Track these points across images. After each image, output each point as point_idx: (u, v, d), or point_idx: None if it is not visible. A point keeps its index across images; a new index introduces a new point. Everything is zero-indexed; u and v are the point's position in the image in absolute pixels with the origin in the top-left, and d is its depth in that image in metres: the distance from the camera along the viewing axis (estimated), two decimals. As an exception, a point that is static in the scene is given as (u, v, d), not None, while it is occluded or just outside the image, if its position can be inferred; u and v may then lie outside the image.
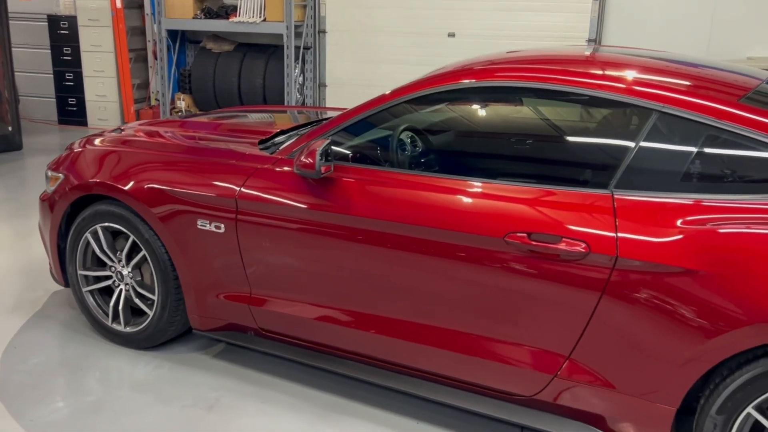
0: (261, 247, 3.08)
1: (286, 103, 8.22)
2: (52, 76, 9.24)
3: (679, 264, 2.31)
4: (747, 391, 2.27)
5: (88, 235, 3.55)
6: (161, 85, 8.70)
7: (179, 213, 3.22)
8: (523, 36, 7.89)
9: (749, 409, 2.28)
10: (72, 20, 8.89)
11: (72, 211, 3.62)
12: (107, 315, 3.62)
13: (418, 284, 2.77)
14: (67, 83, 9.17)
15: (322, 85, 8.66)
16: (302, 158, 2.86)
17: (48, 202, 3.68)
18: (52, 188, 3.66)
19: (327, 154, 2.85)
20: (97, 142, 3.73)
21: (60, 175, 3.64)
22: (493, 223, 2.59)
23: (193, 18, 8.40)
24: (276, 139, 3.47)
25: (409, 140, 3.10)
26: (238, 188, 3.09)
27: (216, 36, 8.79)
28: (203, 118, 4.22)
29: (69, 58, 9.08)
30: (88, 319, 3.71)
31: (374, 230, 2.79)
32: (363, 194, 2.85)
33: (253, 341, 3.30)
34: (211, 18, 8.38)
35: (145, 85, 9.30)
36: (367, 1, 8.27)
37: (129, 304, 3.58)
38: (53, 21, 9.01)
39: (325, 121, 3.18)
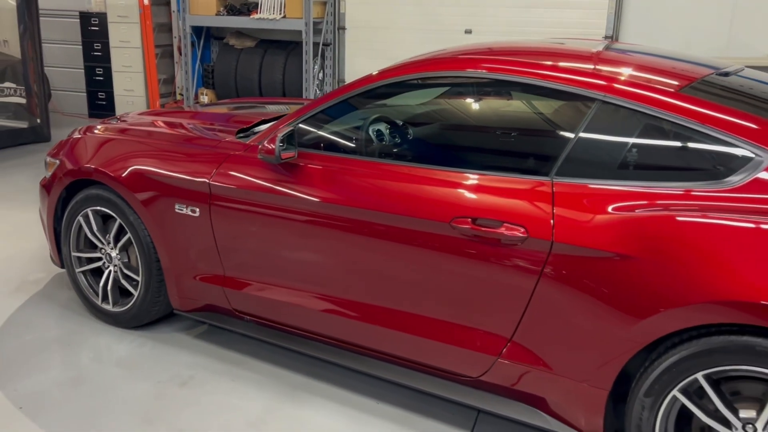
0: (232, 230, 3.22)
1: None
2: (83, 71, 9.54)
3: (610, 249, 2.37)
4: (672, 374, 2.32)
5: (80, 218, 3.73)
6: (185, 80, 8.94)
7: (159, 197, 3.37)
8: (539, 32, 7.90)
9: (675, 392, 2.34)
10: (102, 17, 9.18)
11: (67, 196, 3.81)
12: (97, 295, 3.80)
13: (373, 267, 2.88)
14: (97, 78, 9.47)
15: (341, 81, 8.80)
16: (265, 144, 2.99)
17: (46, 186, 3.88)
18: (50, 173, 3.85)
19: (290, 141, 2.97)
20: (96, 129, 3.91)
21: (56, 161, 3.83)
22: (440, 208, 2.68)
23: (216, 14, 8.61)
24: (256, 128, 3.60)
25: (369, 129, 3.20)
26: (211, 173, 3.23)
27: (239, 32, 8.99)
28: (207, 109, 4.38)
29: (99, 53, 9.37)
30: (80, 299, 3.90)
31: (332, 215, 2.91)
32: (323, 180, 2.96)
33: (229, 322, 3.44)
34: (234, 15, 8.58)
35: (171, 80, 9.55)
36: (386, -2, 8.39)
37: (117, 285, 3.75)
38: (85, 17, 9.32)
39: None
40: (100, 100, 9.53)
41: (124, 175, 3.46)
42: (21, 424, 2.95)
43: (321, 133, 3.14)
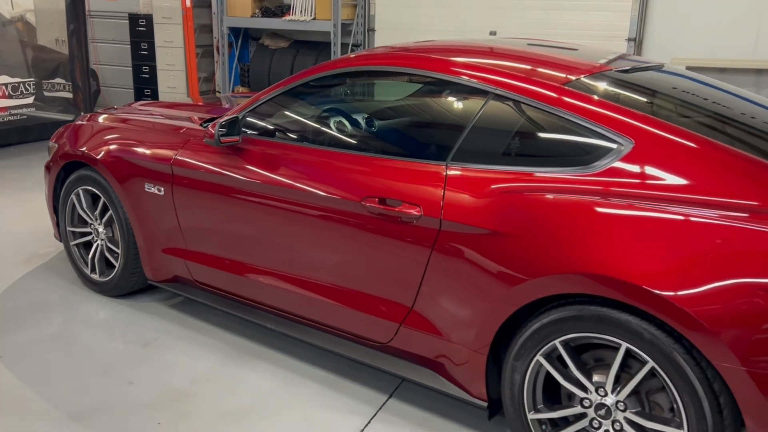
0: (189, 207, 3.57)
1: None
2: (131, 69, 10.14)
3: (487, 226, 2.61)
4: (535, 340, 2.55)
5: (73, 196, 4.16)
6: (222, 78, 9.42)
7: (133, 177, 3.77)
8: (562, 35, 8.02)
9: (538, 357, 2.57)
10: (149, 18, 9.76)
11: (64, 176, 4.25)
12: (87, 266, 4.22)
13: (299, 241, 3.19)
14: (143, 75, 10.06)
15: (369, 81, 9.11)
16: (209, 129, 3.34)
17: (47, 168, 4.33)
18: (50, 156, 4.30)
19: (233, 128, 3.31)
20: (100, 118, 4.32)
21: (56, 145, 4.28)
22: (354, 188, 2.97)
23: (252, 16, 9.06)
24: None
25: (300, 118, 3.51)
26: (172, 156, 3.60)
27: (274, 33, 9.43)
28: (212, 102, 4.78)
29: (146, 52, 9.96)
30: (74, 269, 4.34)
31: (266, 194, 3.24)
32: (261, 163, 3.29)
33: (191, 291, 3.79)
34: (268, 16, 9.01)
35: (210, 78, 10.06)
36: (414, 1, 8.65)
37: (103, 257, 4.16)
38: (133, 19, 9.92)
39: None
40: (146, 96, 10.11)
41: (105, 158, 3.87)
42: (-3, 371, 3.38)
43: (260, 121, 3.46)
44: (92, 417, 3.03)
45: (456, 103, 3.10)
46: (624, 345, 2.37)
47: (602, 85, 2.87)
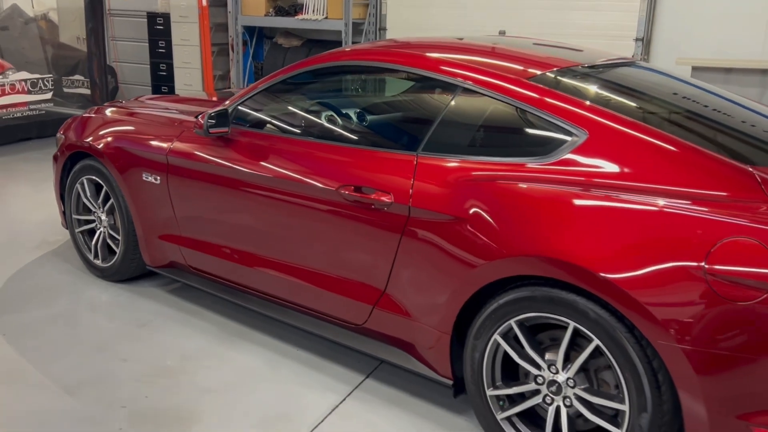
0: (183, 195, 3.76)
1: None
2: (149, 66, 10.40)
3: (451, 213, 2.76)
4: (492, 320, 2.70)
5: (77, 185, 4.38)
6: (237, 76, 9.64)
7: (131, 166, 3.97)
8: (572, 34, 8.11)
9: (496, 336, 2.71)
10: (166, 17, 10.00)
11: (70, 166, 4.46)
12: (91, 252, 4.43)
13: (282, 227, 3.36)
14: (160, 73, 10.31)
15: (380, 79, 9.27)
16: (199, 120, 3.53)
17: (55, 158, 4.55)
18: (58, 147, 4.52)
19: (222, 119, 3.49)
20: (107, 111, 4.52)
21: (63, 136, 4.49)
22: (331, 177, 3.14)
23: (265, 15, 9.26)
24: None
25: (286, 110, 3.68)
26: (168, 147, 3.80)
27: (287, 32, 9.63)
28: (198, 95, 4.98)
29: (163, 50, 10.20)
30: (78, 255, 4.55)
31: (252, 182, 3.41)
32: (248, 153, 3.47)
33: (186, 276, 3.99)
34: (282, 16, 9.21)
35: (225, 75, 10.28)
36: (425, 1, 8.79)
37: (105, 244, 4.37)
38: (151, 17, 10.17)
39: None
40: (163, 93, 10.36)
41: (107, 148, 4.08)
42: None
43: (249, 113, 3.64)
44: (84, 389, 3.23)
45: (429, 97, 3.25)
46: (572, 324, 2.51)
47: (566, 80, 3.01)
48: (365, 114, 3.57)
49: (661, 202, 2.39)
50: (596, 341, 2.46)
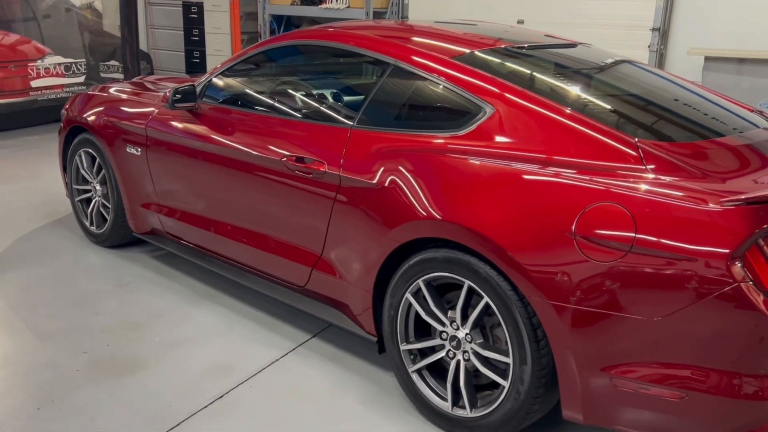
0: (159, 165, 4.07)
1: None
2: (183, 54, 10.84)
3: (372, 180, 2.99)
4: (404, 279, 2.91)
5: (76, 157, 4.74)
6: (263, 63, 9.98)
7: (118, 139, 4.30)
8: (589, 24, 8.19)
9: (407, 294, 2.93)
10: (200, 6, 10.41)
11: (72, 140, 4.83)
12: (87, 219, 4.79)
13: (237, 195, 3.63)
14: (194, 60, 10.74)
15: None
16: (166, 94, 3.83)
17: (59, 133, 4.92)
18: (62, 122, 4.90)
19: (188, 94, 3.78)
20: (112, 89, 4.86)
21: (65, 111, 4.86)
22: (278, 148, 3.39)
23: (291, 5, 9.58)
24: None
25: (244, 86, 3.94)
26: (146, 120, 4.11)
27: (313, 21, 9.91)
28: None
29: (197, 38, 10.62)
30: (78, 222, 4.92)
31: (212, 153, 3.70)
32: (212, 125, 3.75)
33: (164, 242, 4.30)
34: (307, 5, 9.51)
35: (255, 63, 10.62)
36: (446, -9, 8.99)
37: (99, 212, 4.72)
38: (186, 6, 10.60)
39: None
40: (193, 79, 10.78)
41: (98, 122, 4.42)
42: (-9, 300, 3.99)
43: (214, 89, 3.92)
44: (56, 337, 3.57)
45: (366, 73, 3.48)
46: (467, 283, 2.71)
47: (491, 59, 3.20)
48: (311, 90, 3.82)
49: (549, 171, 2.57)
50: (486, 299, 2.66)
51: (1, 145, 7.75)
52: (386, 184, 2.94)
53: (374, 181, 2.98)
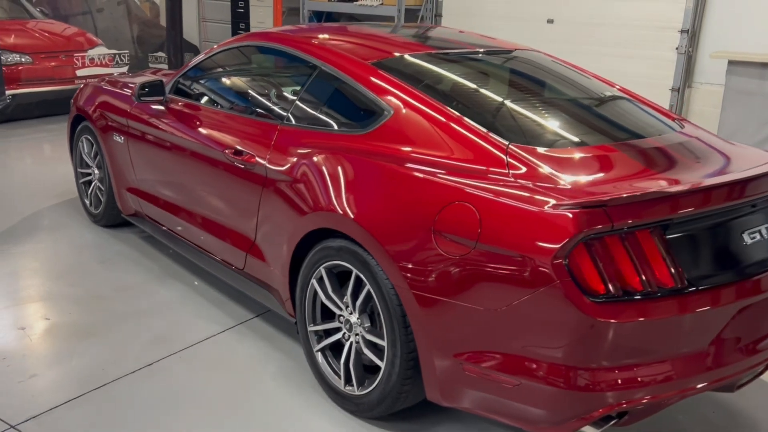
0: (137, 153, 4.44)
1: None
2: (230, 46, 11.29)
3: (288, 174, 3.25)
4: (309, 267, 3.15)
5: (79, 143, 5.17)
6: (302, 57, 10.34)
7: (107, 128, 4.69)
8: (618, 24, 8.18)
9: (313, 280, 3.18)
10: (246, 1, 10.84)
11: (77, 127, 5.26)
12: (87, 199, 5.22)
13: (191, 182, 3.95)
14: (240, 52, 11.18)
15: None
16: (136, 89, 4.18)
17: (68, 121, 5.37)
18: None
19: (156, 89, 4.13)
20: (110, 81, 5.28)
21: (73, 101, 5.30)
22: (221, 141, 3.69)
23: (328, 1, 9.88)
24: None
25: (205, 83, 4.24)
26: (128, 111, 4.48)
27: (351, 17, 10.20)
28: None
29: (243, 31, 11.05)
30: (81, 203, 5.36)
31: (173, 143, 4.03)
32: (174, 118, 4.08)
33: (144, 224, 4.67)
34: (343, 1, 9.80)
35: (296, 57, 10.99)
36: (479, -12, 9.12)
37: (96, 194, 5.14)
38: (234, 1, 11.05)
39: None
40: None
41: (93, 112, 4.82)
42: (-15, 269, 4.44)
43: (181, 84, 4.24)
44: (28, 305, 3.97)
45: (300, 74, 3.72)
46: (354, 271, 2.94)
47: (408, 63, 3.40)
48: (256, 88, 4.09)
49: (425, 170, 2.77)
50: (368, 285, 2.88)
51: (48, 129, 8.36)
52: (299, 178, 3.19)
53: (291, 175, 3.24)
